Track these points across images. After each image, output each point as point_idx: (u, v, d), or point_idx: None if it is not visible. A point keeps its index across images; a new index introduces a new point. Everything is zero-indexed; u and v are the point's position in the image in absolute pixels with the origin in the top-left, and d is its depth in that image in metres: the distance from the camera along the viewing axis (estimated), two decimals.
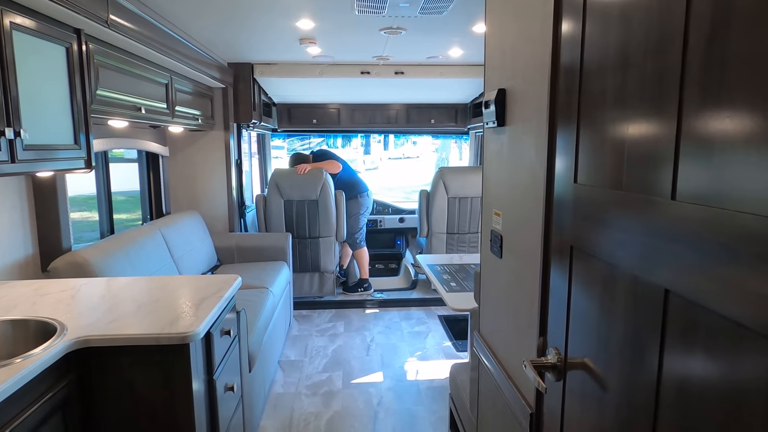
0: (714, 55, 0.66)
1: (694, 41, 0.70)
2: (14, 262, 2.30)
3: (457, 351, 3.89)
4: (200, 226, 3.98)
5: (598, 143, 0.98)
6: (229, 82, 4.20)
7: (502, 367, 1.57)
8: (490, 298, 1.75)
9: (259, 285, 3.48)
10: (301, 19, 2.99)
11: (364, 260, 5.15)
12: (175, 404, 1.63)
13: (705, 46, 0.68)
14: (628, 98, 0.86)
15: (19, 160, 1.70)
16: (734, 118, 0.63)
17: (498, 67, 1.60)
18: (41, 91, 1.86)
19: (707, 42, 0.67)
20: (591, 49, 1.00)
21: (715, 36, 0.66)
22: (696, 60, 0.69)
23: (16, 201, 2.31)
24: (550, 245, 1.21)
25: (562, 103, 1.14)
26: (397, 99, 5.60)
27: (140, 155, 3.92)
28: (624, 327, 0.89)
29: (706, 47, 0.67)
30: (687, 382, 0.73)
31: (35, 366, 1.34)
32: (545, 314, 1.25)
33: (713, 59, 0.66)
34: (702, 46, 0.68)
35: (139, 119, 2.72)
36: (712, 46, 0.66)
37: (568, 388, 1.13)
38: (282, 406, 3.09)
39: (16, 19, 1.69)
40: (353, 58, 4.22)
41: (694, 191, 0.70)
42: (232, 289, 2.05)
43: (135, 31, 2.37)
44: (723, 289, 0.65)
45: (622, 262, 0.88)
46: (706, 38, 0.67)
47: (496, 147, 1.63)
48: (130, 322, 1.69)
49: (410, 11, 2.77)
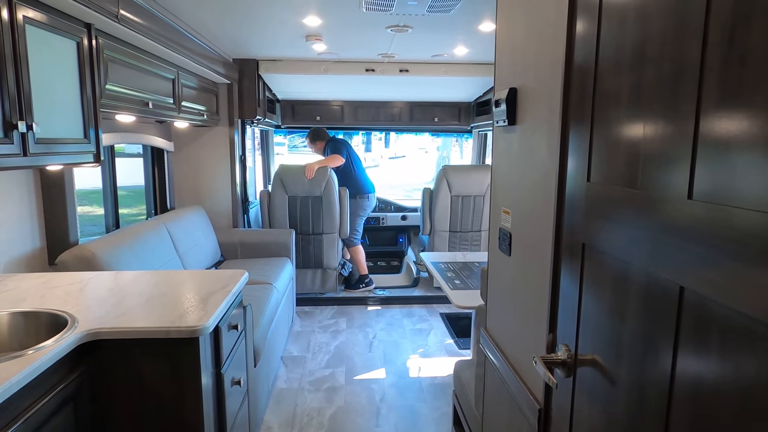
0: (734, 53, 0.67)
1: (714, 39, 0.70)
2: (22, 255, 2.31)
3: (459, 348, 3.90)
4: (204, 222, 3.99)
5: (612, 142, 0.99)
6: (234, 78, 4.20)
7: (509, 364, 1.58)
8: (498, 295, 1.76)
9: (262, 281, 3.49)
10: (308, 16, 2.99)
11: (360, 256, 5.16)
12: (183, 397, 1.64)
13: (725, 44, 0.68)
14: (645, 97, 0.87)
15: (30, 153, 1.71)
16: (753, 117, 0.64)
17: (509, 65, 1.61)
18: (52, 85, 1.87)
19: (727, 40, 0.68)
20: (606, 48, 1.01)
21: (735, 33, 0.66)
22: (715, 58, 0.70)
23: (25, 194, 2.32)
24: (561, 243, 1.22)
25: (575, 102, 1.15)
26: (400, 97, 5.60)
27: (145, 150, 3.93)
28: (636, 324, 0.90)
29: (726, 45, 0.68)
30: (701, 378, 0.74)
31: (47, 358, 1.35)
32: (555, 311, 1.26)
33: (733, 57, 0.67)
34: (722, 44, 0.69)
35: (146, 114, 2.73)
36: (732, 43, 0.67)
37: (578, 384, 1.14)
38: (285, 401, 3.11)
39: (29, 13, 1.70)
40: (358, 55, 4.22)
41: (711, 191, 0.71)
42: (239, 284, 2.06)
43: (143, 26, 2.37)
44: (738, 287, 0.66)
45: (636, 260, 0.89)
46: (727, 36, 0.68)
47: (506, 145, 1.64)
48: (139, 315, 1.70)
49: (418, 9, 2.78)
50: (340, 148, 5.10)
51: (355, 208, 5.12)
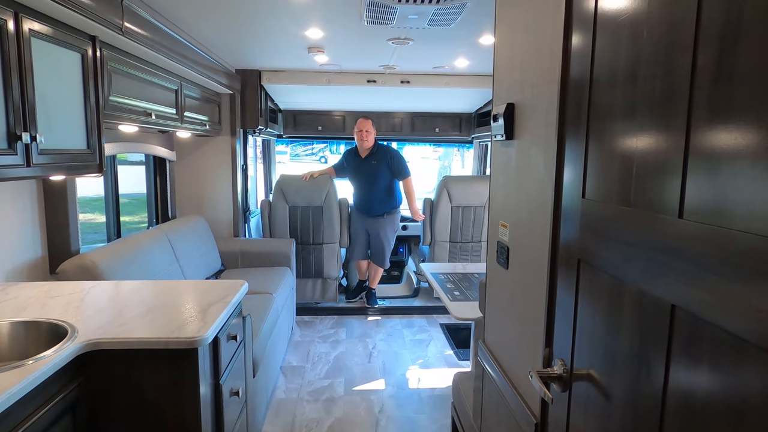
0: (723, 71, 0.68)
1: (703, 58, 0.72)
2: (23, 263, 2.32)
3: (458, 360, 3.89)
4: (205, 231, 4.00)
5: (606, 159, 1.00)
6: (236, 89, 4.24)
7: (506, 377, 1.58)
8: (496, 308, 1.76)
9: (262, 290, 3.50)
10: (310, 29, 3.03)
11: (380, 273, 4.99)
12: (182, 408, 1.65)
13: (714, 63, 0.70)
14: (637, 115, 0.89)
15: (33, 164, 1.73)
16: (742, 138, 0.65)
17: (507, 80, 1.63)
18: (56, 96, 1.89)
19: (715, 59, 0.69)
20: (601, 64, 1.03)
21: (724, 52, 0.68)
22: (705, 76, 0.71)
23: (27, 203, 2.34)
24: (557, 258, 1.23)
25: (571, 118, 1.17)
26: (402, 107, 5.63)
27: (147, 159, 3.95)
28: (630, 340, 0.91)
29: (714, 63, 0.69)
30: (692, 395, 0.75)
31: (47, 368, 1.36)
32: (551, 325, 1.27)
33: (722, 75, 0.68)
34: (711, 62, 0.70)
35: (149, 124, 2.76)
36: (720, 62, 0.68)
37: (574, 398, 1.15)
38: (284, 411, 3.10)
39: (35, 26, 1.73)
40: (360, 66, 4.26)
41: (701, 210, 0.72)
42: (239, 295, 2.07)
43: (147, 38, 2.40)
44: (727, 306, 0.67)
45: (629, 277, 0.90)
46: (715, 54, 0.69)
47: (504, 160, 1.65)
48: (139, 325, 1.71)
49: (419, 23, 2.81)
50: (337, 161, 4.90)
51: (394, 224, 4.85)
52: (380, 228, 4.75)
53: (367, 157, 4.66)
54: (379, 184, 4.66)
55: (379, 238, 4.77)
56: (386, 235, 4.79)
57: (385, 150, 4.73)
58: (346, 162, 4.82)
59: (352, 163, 4.75)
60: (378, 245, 4.81)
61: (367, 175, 4.66)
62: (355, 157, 4.73)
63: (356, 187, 4.81)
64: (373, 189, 4.67)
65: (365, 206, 4.75)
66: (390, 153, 4.71)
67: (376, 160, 4.63)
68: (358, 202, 4.81)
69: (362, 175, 4.69)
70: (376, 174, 4.62)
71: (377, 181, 4.65)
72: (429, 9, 2.55)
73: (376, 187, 4.66)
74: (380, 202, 4.71)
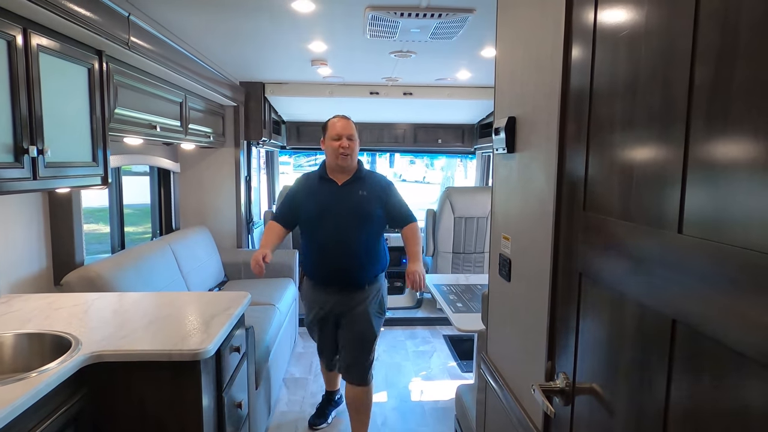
0: (720, 85, 0.68)
1: (701, 72, 0.72)
2: (28, 275, 2.34)
3: (462, 371, 3.87)
4: (209, 242, 4.02)
5: (606, 173, 1.01)
6: (240, 101, 4.28)
7: (509, 390, 1.58)
8: (498, 320, 1.76)
9: (266, 302, 3.50)
10: (314, 42, 3.06)
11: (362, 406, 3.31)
12: (184, 420, 1.65)
13: (711, 77, 0.70)
14: (636, 129, 0.89)
15: (40, 177, 1.75)
16: (741, 153, 0.66)
17: (508, 93, 1.65)
18: (63, 110, 1.92)
19: (712, 75, 0.70)
20: (600, 78, 1.04)
21: (722, 65, 0.68)
22: (703, 89, 0.72)
23: (32, 215, 2.36)
24: (558, 271, 1.23)
25: (571, 131, 1.17)
26: (404, 119, 5.66)
27: (152, 171, 3.98)
28: (632, 354, 0.91)
29: (712, 77, 0.70)
30: (695, 410, 0.75)
31: (51, 380, 1.36)
32: (553, 339, 1.27)
33: (719, 88, 0.69)
34: (708, 77, 0.71)
35: (153, 137, 2.79)
36: (717, 76, 0.69)
37: (576, 412, 1.14)
38: (286, 424, 3.09)
39: (43, 42, 1.76)
40: (363, 79, 4.30)
41: (700, 225, 0.73)
42: (242, 307, 2.08)
43: (153, 51, 2.44)
44: (727, 320, 0.67)
45: (630, 291, 0.90)
46: (712, 69, 0.70)
47: (506, 172, 1.66)
48: (142, 337, 1.71)
49: (421, 36, 2.84)
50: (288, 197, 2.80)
51: (380, 301, 2.90)
52: (357, 312, 2.69)
53: (348, 184, 2.67)
54: (363, 231, 2.63)
55: (356, 331, 2.69)
56: (368, 324, 2.71)
57: (378, 178, 2.79)
58: (303, 194, 2.72)
59: (317, 195, 2.67)
60: (353, 344, 2.71)
61: (344, 216, 2.60)
62: (323, 184, 2.68)
63: (317, 237, 2.66)
64: (354, 238, 2.60)
65: (333, 272, 2.66)
66: (383, 183, 2.76)
67: (365, 190, 2.66)
68: (317, 264, 2.71)
69: (333, 214, 2.60)
70: (362, 213, 2.62)
71: (362, 225, 2.62)
72: (431, 23, 2.58)
73: (358, 236, 2.61)
74: (361, 263, 2.67)
